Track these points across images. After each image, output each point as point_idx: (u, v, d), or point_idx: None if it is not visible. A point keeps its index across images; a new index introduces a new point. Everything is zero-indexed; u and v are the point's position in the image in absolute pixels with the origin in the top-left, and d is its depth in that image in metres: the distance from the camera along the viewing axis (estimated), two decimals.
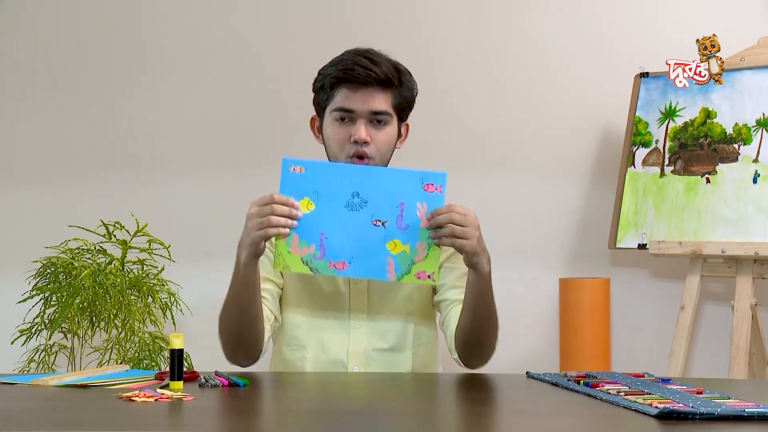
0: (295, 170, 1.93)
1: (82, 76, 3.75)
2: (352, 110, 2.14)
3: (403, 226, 1.92)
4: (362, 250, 1.92)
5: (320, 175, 1.93)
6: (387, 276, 1.94)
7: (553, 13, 3.73)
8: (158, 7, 3.77)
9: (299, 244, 1.92)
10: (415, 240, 1.92)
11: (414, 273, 1.93)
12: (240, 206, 2.66)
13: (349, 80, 2.13)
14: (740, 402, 1.62)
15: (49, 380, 1.90)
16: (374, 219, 1.92)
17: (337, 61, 2.18)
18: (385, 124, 2.15)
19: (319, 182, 1.92)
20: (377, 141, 2.15)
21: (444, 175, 1.93)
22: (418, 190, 1.92)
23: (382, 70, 2.13)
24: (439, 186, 1.92)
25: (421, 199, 1.92)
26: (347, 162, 2.13)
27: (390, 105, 2.15)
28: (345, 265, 1.92)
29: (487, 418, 1.67)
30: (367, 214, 1.92)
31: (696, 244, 3.20)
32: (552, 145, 3.71)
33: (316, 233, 1.92)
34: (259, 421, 1.64)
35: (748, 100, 3.26)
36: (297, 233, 1.92)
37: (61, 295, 3.07)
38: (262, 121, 3.73)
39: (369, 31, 3.67)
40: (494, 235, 3.61)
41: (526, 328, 3.61)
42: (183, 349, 1.80)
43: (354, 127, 2.14)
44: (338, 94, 2.15)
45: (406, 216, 1.92)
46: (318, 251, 1.92)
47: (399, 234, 1.92)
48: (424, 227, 1.92)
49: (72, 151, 3.74)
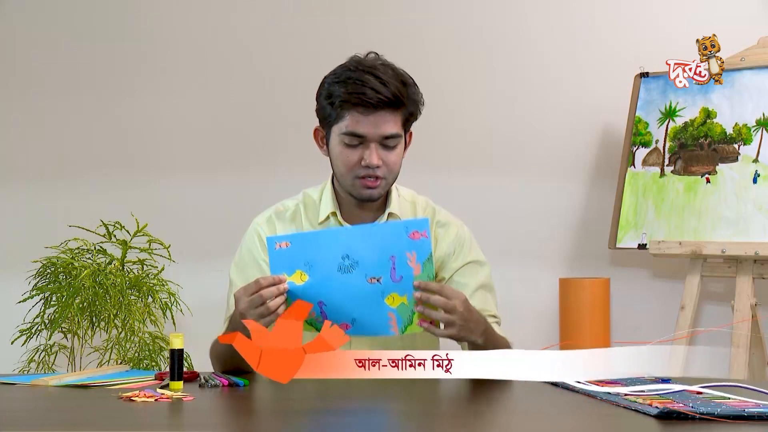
0: (281, 246, 1.90)
1: (82, 76, 3.75)
2: (363, 135, 2.10)
3: (398, 279, 1.91)
4: (363, 310, 1.91)
5: (307, 245, 1.90)
6: (391, 331, 1.93)
7: (553, 13, 3.73)
8: (159, 8, 3.77)
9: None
10: (411, 290, 1.91)
11: (416, 322, 1.93)
12: (240, 206, 2.67)
13: (359, 104, 2.08)
14: (740, 402, 1.62)
15: (49, 380, 1.90)
16: (368, 277, 1.90)
17: (344, 78, 2.11)
18: (396, 145, 2.13)
19: (308, 252, 1.90)
20: (389, 163, 2.12)
21: (427, 221, 1.92)
22: (405, 239, 1.90)
23: (392, 91, 2.08)
24: (424, 231, 1.90)
25: (409, 248, 1.90)
26: (356, 181, 2.12)
27: (399, 125, 2.12)
28: (348, 327, 1.92)
29: (488, 418, 1.67)
30: (361, 273, 1.90)
31: (696, 244, 3.20)
32: (552, 145, 3.71)
33: (314, 303, 1.90)
34: (259, 421, 1.64)
35: (748, 100, 3.26)
36: None
37: (61, 295, 3.07)
38: (262, 122, 3.73)
39: (367, 31, 3.68)
40: (494, 235, 3.63)
41: (526, 328, 3.61)
42: (183, 349, 1.80)
43: (366, 151, 2.10)
44: (348, 116, 2.10)
45: (398, 268, 1.90)
46: (320, 316, 1.91)
47: (395, 287, 1.90)
48: (418, 275, 1.91)
49: (72, 151, 3.74)
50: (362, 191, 2.13)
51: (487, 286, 2.23)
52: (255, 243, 2.20)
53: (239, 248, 2.24)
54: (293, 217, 2.22)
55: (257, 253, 2.19)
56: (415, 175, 2.60)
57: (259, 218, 2.25)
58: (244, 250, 2.22)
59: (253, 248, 2.20)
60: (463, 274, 2.21)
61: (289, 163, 3.60)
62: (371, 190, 2.13)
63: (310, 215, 2.22)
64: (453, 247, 2.22)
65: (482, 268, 2.23)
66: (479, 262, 2.24)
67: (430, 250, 1.91)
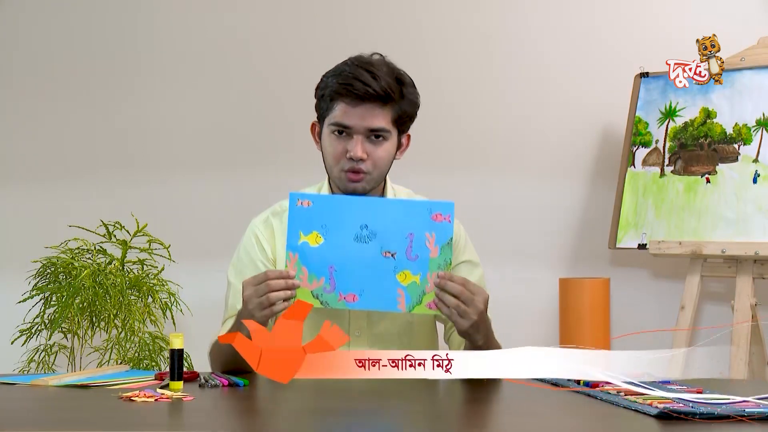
0: (302, 204, 1.92)
1: (81, 76, 3.75)
2: (349, 126, 2.11)
3: (413, 257, 1.92)
4: (372, 282, 1.92)
5: (328, 208, 1.92)
6: (398, 307, 1.94)
7: (554, 13, 3.73)
8: (159, 8, 3.77)
9: (309, 278, 1.92)
10: (425, 270, 1.92)
11: (425, 303, 1.93)
12: (240, 206, 2.67)
13: (347, 95, 2.10)
14: (740, 402, 1.62)
15: (49, 380, 1.90)
16: (384, 251, 1.91)
17: (339, 71, 2.13)
18: (383, 140, 2.12)
19: (327, 215, 1.92)
20: (374, 157, 2.12)
21: (452, 205, 1.93)
22: (427, 220, 1.91)
23: (381, 86, 2.08)
24: (448, 215, 1.92)
25: (430, 229, 1.92)
26: (342, 174, 2.12)
27: (389, 121, 2.12)
28: (356, 298, 1.92)
29: (487, 418, 1.67)
30: (377, 245, 1.91)
31: (696, 244, 3.20)
32: (552, 145, 3.71)
33: (325, 266, 1.91)
34: (259, 421, 1.64)
35: (748, 100, 3.26)
36: (307, 267, 1.92)
37: (61, 295, 3.07)
38: (262, 122, 3.73)
39: (367, 31, 3.68)
40: (494, 235, 3.64)
41: (526, 328, 3.61)
42: (183, 349, 1.80)
43: (351, 142, 2.11)
44: (337, 107, 2.12)
45: (415, 247, 1.91)
46: (328, 284, 1.92)
47: (409, 265, 1.91)
48: (434, 257, 1.92)
49: (72, 151, 3.74)
50: (347, 184, 2.13)
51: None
52: (252, 244, 2.20)
53: (237, 249, 2.24)
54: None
55: (255, 255, 2.19)
56: (416, 175, 2.61)
57: (257, 219, 2.25)
58: (241, 251, 2.22)
59: (250, 249, 2.20)
60: (457, 274, 2.21)
61: (289, 164, 3.60)
62: (355, 184, 2.13)
63: None
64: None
65: (476, 269, 2.23)
66: (473, 263, 2.24)
67: (451, 235, 1.92)
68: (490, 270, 2.27)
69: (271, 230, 2.21)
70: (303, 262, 1.91)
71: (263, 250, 2.19)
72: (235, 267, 2.21)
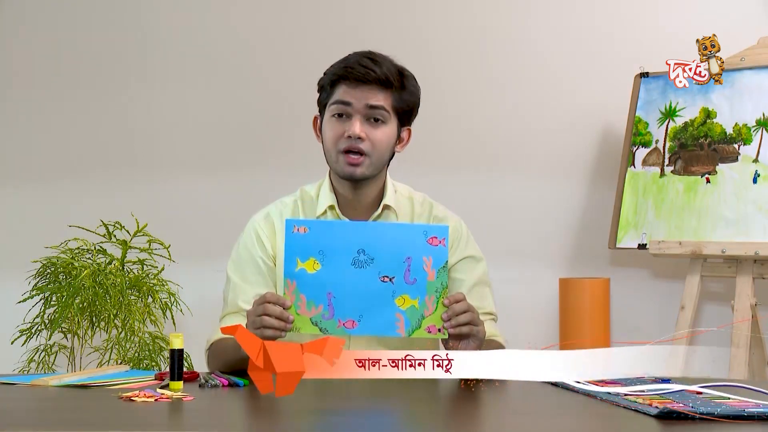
0: (299, 230, 1.91)
1: (82, 77, 3.75)
2: (349, 102, 2.12)
3: (411, 281, 1.91)
4: (371, 308, 1.91)
5: (325, 233, 1.91)
6: (397, 332, 1.93)
7: (554, 13, 3.73)
8: (160, 7, 3.77)
9: (308, 305, 1.91)
10: (423, 294, 1.91)
11: (424, 327, 1.93)
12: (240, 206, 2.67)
13: (348, 77, 2.12)
14: (740, 402, 1.62)
15: (49, 380, 1.89)
16: (381, 275, 1.91)
17: (342, 60, 2.17)
18: (382, 122, 2.14)
19: (324, 241, 1.91)
20: (373, 139, 2.13)
21: (447, 228, 1.93)
22: (424, 244, 1.91)
23: (383, 71, 2.12)
24: (443, 239, 1.92)
25: (426, 253, 1.92)
26: (339, 156, 2.13)
27: (389, 104, 2.14)
28: (355, 324, 1.91)
29: (487, 418, 1.67)
30: (374, 270, 1.91)
31: (696, 244, 3.20)
32: (552, 145, 3.71)
33: (323, 293, 1.90)
34: (258, 421, 1.64)
35: (748, 100, 3.26)
36: (305, 294, 1.91)
37: (61, 295, 3.07)
38: (262, 121, 3.73)
39: (368, 30, 3.68)
40: (494, 235, 3.63)
41: (526, 328, 3.60)
42: (183, 349, 1.79)
43: (349, 123, 2.13)
44: (338, 90, 2.14)
45: (413, 271, 1.91)
46: (327, 311, 1.91)
47: (407, 289, 1.91)
48: (432, 281, 1.91)
49: (72, 151, 3.74)
50: (345, 167, 2.14)
51: (485, 282, 2.23)
52: (252, 241, 2.21)
53: (236, 245, 2.24)
54: (291, 214, 2.22)
55: (255, 251, 2.19)
56: (416, 174, 2.60)
57: (257, 216, 2.25)
58: (241, 247, 2.22)
59: (250, 246, 2.20)
60: (460, 270, 2.21)
61: (289, 163, 3.60)
62: (354, 168, 2.13)
63: (308, 210, 2.22)
64: (450, 241, 2.22)
65: (479, 264, 2.24)
66: (476, 258, 2.24)
67: (446, 259, 1.92)
68: (490, 270, 2.27)
69: (272, 226, 2.21)
70: (301, 289, 1.90)
71: (263, 247, 2.19)
72: (234, 263, 2.22)
